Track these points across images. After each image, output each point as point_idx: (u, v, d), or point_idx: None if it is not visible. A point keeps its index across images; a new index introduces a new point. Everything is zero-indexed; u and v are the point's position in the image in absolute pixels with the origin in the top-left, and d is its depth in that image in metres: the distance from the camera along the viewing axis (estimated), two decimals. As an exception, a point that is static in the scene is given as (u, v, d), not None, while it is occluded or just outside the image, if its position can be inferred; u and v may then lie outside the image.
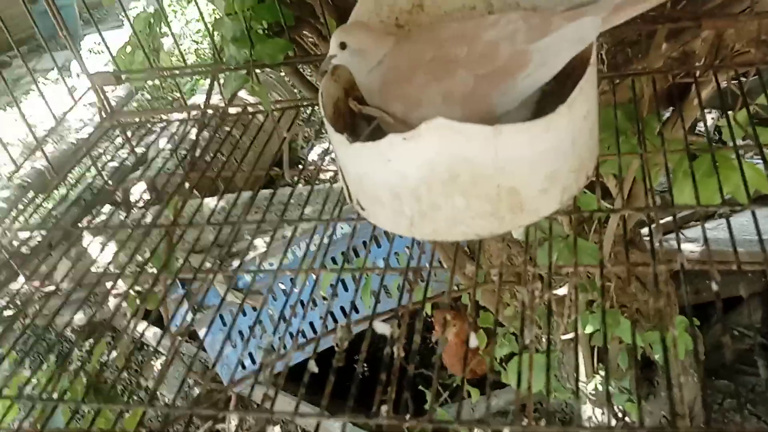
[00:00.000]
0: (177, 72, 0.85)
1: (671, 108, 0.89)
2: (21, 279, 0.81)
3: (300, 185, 1.53)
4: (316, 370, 0.59)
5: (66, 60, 3.59)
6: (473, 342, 1.26)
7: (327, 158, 0.82)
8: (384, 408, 0.48)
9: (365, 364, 0.57)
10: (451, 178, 0.51)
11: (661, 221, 0.61)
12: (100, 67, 3.37)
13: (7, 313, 0.82)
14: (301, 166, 2.57)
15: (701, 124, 0.90)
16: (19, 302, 0.76)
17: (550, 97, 0.54)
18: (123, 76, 0.82)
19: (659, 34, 0.74)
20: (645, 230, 1.29)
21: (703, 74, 0.73)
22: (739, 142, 0.76)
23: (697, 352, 1.35)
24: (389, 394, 0.50)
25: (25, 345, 1.61)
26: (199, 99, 2.85)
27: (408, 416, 0.49)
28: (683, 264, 0.54)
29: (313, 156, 2.67)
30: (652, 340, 1.13)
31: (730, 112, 0.77)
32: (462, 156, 0.50)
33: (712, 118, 2.09)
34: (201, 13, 0.80)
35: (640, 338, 1.11)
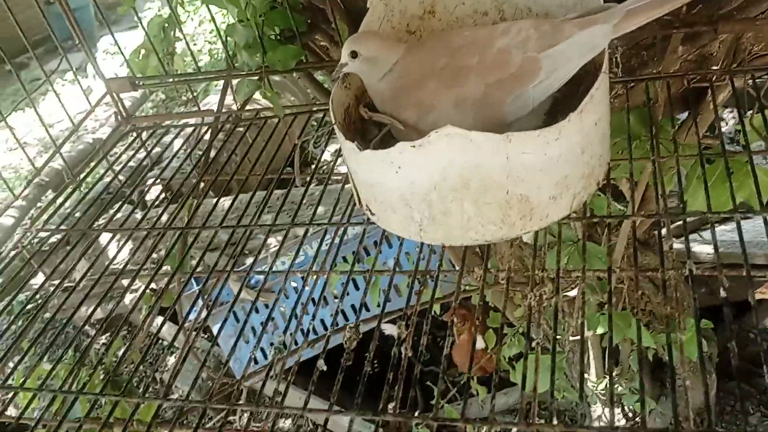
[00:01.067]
0: (191, 78, 0.87)
1: (687, 111, 0.88)
2: (41, 276, 0.83)
3: (313, 185, 1.55)
4: (324, 368, 0.60)
5: (83, 61, 3.63)
6: (479, 344, 1.26)
7: (340, 159, 0.83)
8: (391, 405, 0.49)
9: (375, 360, 0.58)
10: (462, 185, 0.51)
11: (675, 225, 0.62)
12: (116, 68, 3.39)
13: (29, 308, 0.84)
14: (313, 166, 2.56)
15: (721, 123, 0.89)
16: (39, 299, 0.78)
17: (562, 103, 0.54)
18: (138, 82, 0.83)
19: (675, 38, 0.73)
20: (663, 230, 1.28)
21: (719, 79, 0.72)
22: (760, 145, 0.75)
23: (708, 354, 1.34)
24: (397, 392, 0.51)
25: (45, 338, 1.65)
26: (213, 99, 2.87)
27: (415, 413, 0.50)
28: (692, 270, 0.55)
29: (326, 156, 2.68)
30: (664, 341, 1.12)
31: (746, 116, 0.76)
32: (472, 163, 0.50)
33: (733, 117, 2.03)
34: (213, 19, 0.80)
35: (652, 339, 1.11)
